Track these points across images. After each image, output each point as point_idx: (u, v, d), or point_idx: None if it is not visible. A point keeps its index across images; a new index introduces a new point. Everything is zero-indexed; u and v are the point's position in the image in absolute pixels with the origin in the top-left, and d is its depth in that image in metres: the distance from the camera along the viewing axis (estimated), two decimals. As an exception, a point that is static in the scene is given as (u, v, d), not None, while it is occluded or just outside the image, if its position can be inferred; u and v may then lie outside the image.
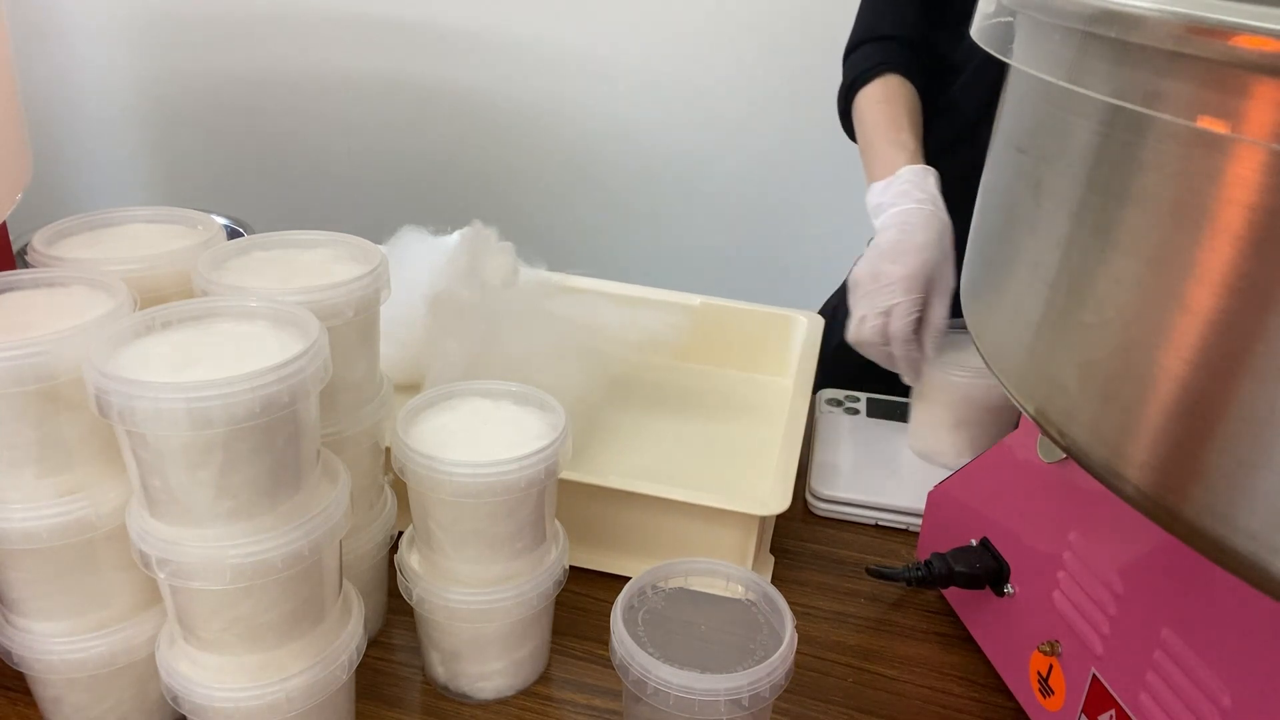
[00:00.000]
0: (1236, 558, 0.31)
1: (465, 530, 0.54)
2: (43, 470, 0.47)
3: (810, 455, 0.82)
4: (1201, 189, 0.30)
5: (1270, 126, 0.27)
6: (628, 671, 0.49)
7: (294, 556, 0.46)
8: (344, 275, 0.53)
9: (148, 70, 1.84)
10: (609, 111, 1.68)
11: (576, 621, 0.65)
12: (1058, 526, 0.55)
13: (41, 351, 0.44)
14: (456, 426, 0.57)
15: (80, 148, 1.93)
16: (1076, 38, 0.33)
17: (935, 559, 0.63)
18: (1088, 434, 0.36)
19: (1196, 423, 0.31)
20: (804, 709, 0.60)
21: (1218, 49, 0.27)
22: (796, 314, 0.91)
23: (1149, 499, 0.34)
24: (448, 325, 0.75)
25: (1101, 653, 0.51)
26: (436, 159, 1.79)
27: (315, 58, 1.75)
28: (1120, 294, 0.34)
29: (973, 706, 0.61)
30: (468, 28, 1.68)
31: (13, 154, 0.59)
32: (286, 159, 1.86)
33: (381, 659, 0.62)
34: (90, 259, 0.55)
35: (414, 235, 0.86)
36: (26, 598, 0.50)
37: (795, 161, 1.64)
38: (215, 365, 0.44)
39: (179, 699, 0.48)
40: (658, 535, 0.67)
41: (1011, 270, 0.42)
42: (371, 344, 0.58)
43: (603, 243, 1.79)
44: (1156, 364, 0.32)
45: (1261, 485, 0.30)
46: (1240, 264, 0.29)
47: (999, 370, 0.42)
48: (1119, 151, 0.33)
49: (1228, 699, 0.43)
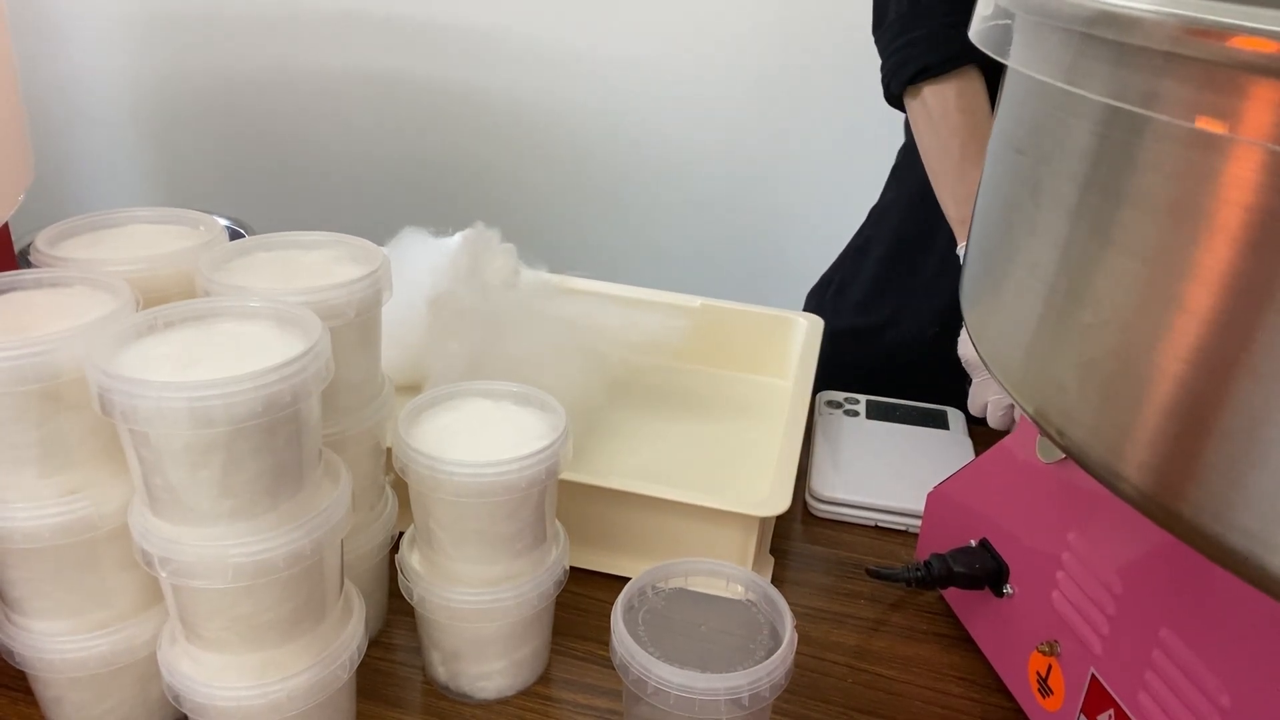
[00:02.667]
0: (1235, 557, 0.31)
1: (466, 530, 0.54)
2: (44, 470, 0.47)
3: (810, 456, 0.82)
4: (1199, 189, 0.30)
5: (1268, 127, 0.27)
6: (628, 671, 0.49)
7: (295, 556, 0.46)
8: (346, 276, 0.53)
9: (150, 71, 1.84)
10: (611, 113, 1.68)
11: (576, 621, 0.65)
12: (1057, 527, 0.55)
13: (44, 351, 0.44)
14: (458, 427, 0.57)
15: (82, 148, 1.93)
16: (1074, 39, 0.34)
17: (935, 560, 0.63)
18: (1087, 434, 0.36)
19: (1195, 422, 0.31)
20: (804, 709, 0.60)
21: (1215, 50, 0.27)
22: (796, 316, 0.91)
23: (1148, 499, 0.34)
24: (449, 326, 0.75)
25: (1100, 653, 0.51)
26: (438, 160, 1.80)
27: (317, 58, 1.76)
28: (1119, 294, 0.34)
29: (972, 707, 0.61)
30: (469, 28, 1.68)
31: (15, 154, 0.59)
32: (288, 160, 1.86)
33: (382, 659, 0.62)
34: (92, 259, 0.55)
35: (415, 236, 0.86)
36: (28, 597, 0.50)
37: (797, 163, 1.64)
38: (217, 365, 0.44)
39: (180, 698, 0.48)
40: (658, 536, 0.67)
41: (1010, 271, 0.42)
42: (373, 344, 0.58)
43: (604, 244, 1.79)
44: (1155, 364, 0.32)
45: (1259, 484, 0.30)
46: (1238, 264, 0.29)
47: (998, 371, 0.43)
48: (1117, 152, 0.33)
49: (1227, 699, 0.43)
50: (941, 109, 0.82)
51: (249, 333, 0.48)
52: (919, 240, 0.99)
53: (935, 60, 0.81)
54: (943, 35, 0.81)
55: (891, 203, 1.05)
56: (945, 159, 0.83)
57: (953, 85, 0.81)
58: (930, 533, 0.69)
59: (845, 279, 1.07)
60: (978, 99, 0.81)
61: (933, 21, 0.82)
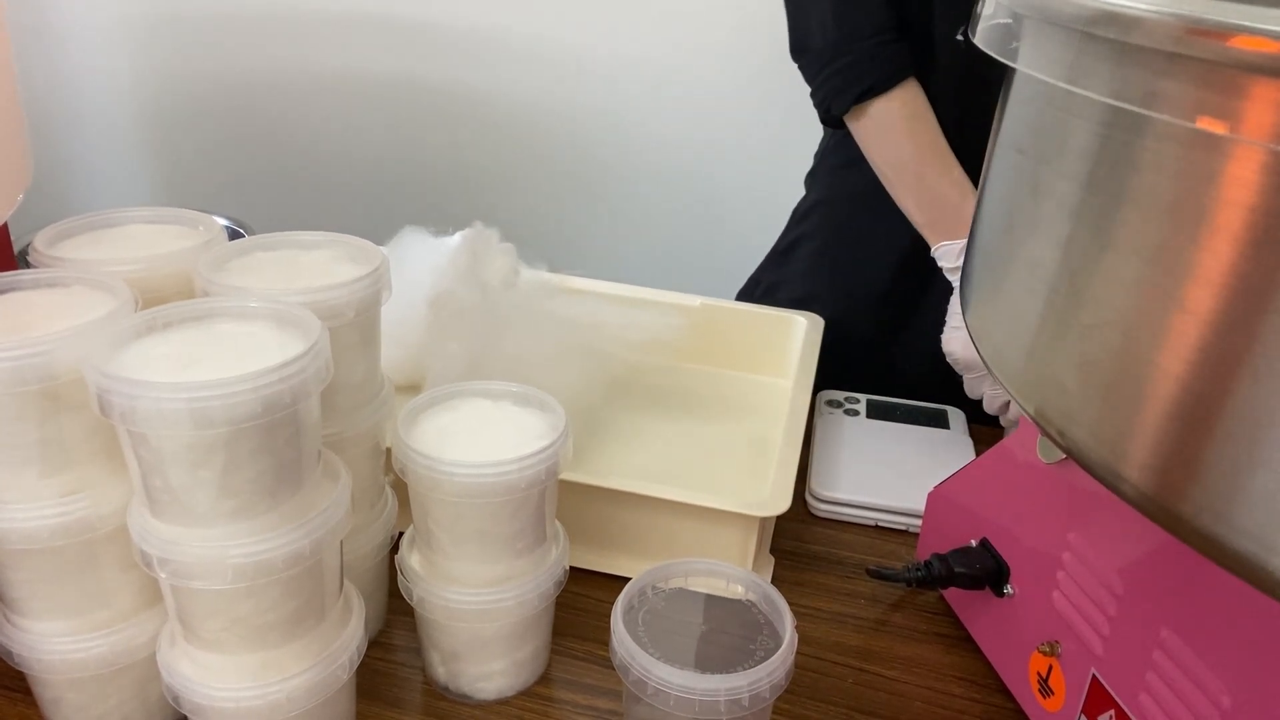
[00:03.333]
0: (1235, 557, 0.31)
1: (466, 530, 0.54)
2: (44, 470, 0.47)
3: (810, 456, 0.82)
4: (1200, 190, 0.30)
5: (1269, 127, 0.27)
6: (628, 672, 0.49)
7: (295, 556, 0.46)
8: (345, 276, 0.53)
9: (148, 71, 1.84)
10: (611, 112, 1.68)
11: (576, 622, 0.65)
12: (1058, 527, 0.55)
13: (43, 351, 0.44)
14: (457, 427, 0.57)
15: (81, 149, 1.93)
16: (1075, 39, 0.34)
17: (935, 560, 0.63)
18: (1088, 434, 0.36)
19: (1195, 423, 0.31)
20: (804, 709, 0.60)
21: (1216, 50, 0.27)
22: (796, 315, 0.91)
23: (1149, 499, 0.34)
24: (448, 326, 0.75)
25: (1101, 653, 0.51)
26: (438, 160, 1.79)
27: (315, 58, 1.76)
28: (1120, 295, 0.34)
29: (973, 707, 0.61)
30: (469, 28, 1.68)
31: (13, 155, 0.59)
32: (287, 160, 1.86)
33: (382, 659, 0.62)
34: (91, 259, 0.55)
35: (415, 236, 0.86)
36: (27, 598, 0.50)
37: (798, 162, 1.64)
38: (216, 365, 0.44)
39: (180, 699, 0.48)
40: (658, 536, 0.67)
41: (1011, 271, 0.42)
42: (372, 345, 0.58)
43: (603, 244, 1.79)
44: (1156, 364, 0.32)
45: (1260, 485, 0.30)
46: (1239, 265, 0.29)
47: (999, 371, 0.43)
48: (1118, 152, 0.33)
49: (1227, 699, 0.43)
50: (889, 121, 0.86)
51: (248, 333, 0.48)
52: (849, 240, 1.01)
53: (878, 79, 0.85)
54: (879, 54, 0.85)
55: (815, 204, 1.06)
56: (900, 168, 0.86)
57: (896, 97, 0.85)
58: (931, 532, 0.69)
59: (775, 280, 1.08)
60: (919, 104, 0.86)
61: (862, 44, 0.86)
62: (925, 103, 0.86)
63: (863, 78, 0.85)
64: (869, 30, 0.86)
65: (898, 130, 0.86)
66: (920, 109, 0.86)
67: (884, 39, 0.86)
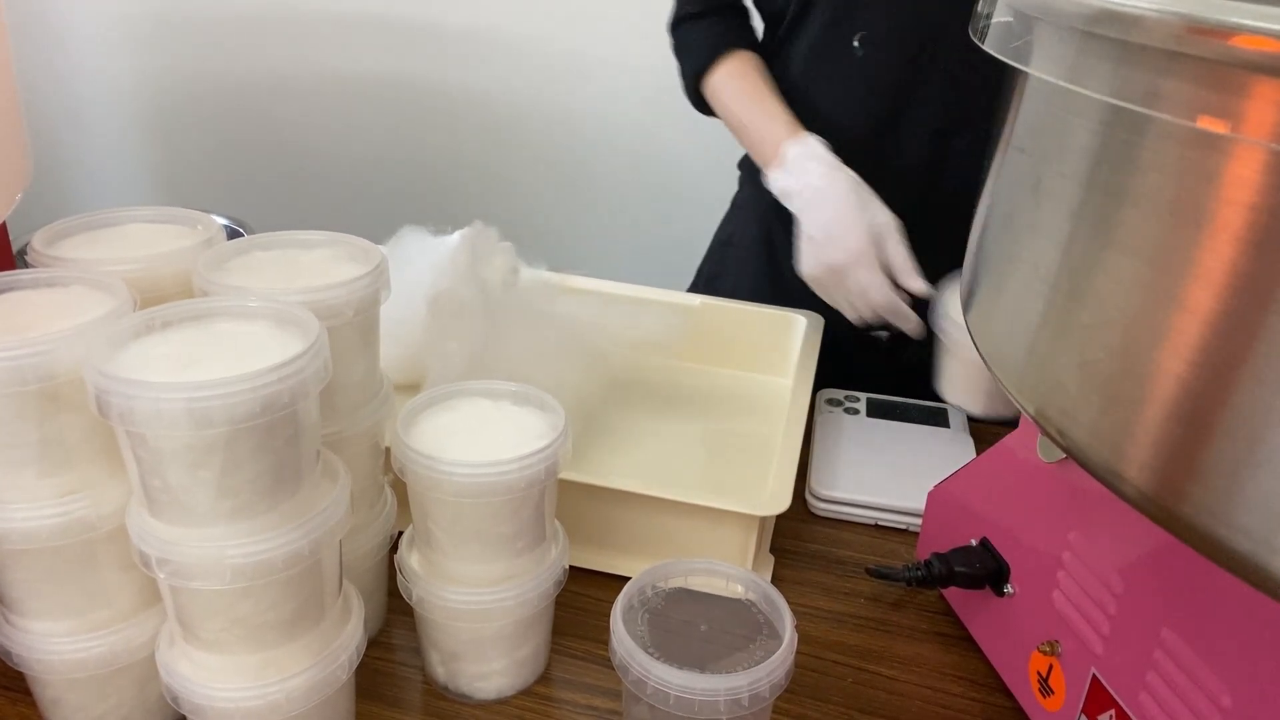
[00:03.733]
0: (1235, 557, 0.31)
1: (465, 530, 0.54)
2: (43, 470, 0.47)
3: (810, 455, 0.82)
4: (1201, 189, 0.30)
5: (1270, 126, 0.27)
6: (628, 671, 0.49)
7: (294, 556, 0.46)
8: (344, 275, 0.53)
9: (147, 71, 1.84)
10: (610, 112, 1.68)
11: (576, 621, 0.65)
12: (1058, 526, 0.55)
13: (42, 351, 0.44)
14: (456, 427, 0.57)
15: (80, 148, 1.93)
16: (1076, 38, 0.33)
17: (935, 559, 0.63)
18: (1088, 434, 0.36)
19: (1195, 422, 0.31)
20: (804, 709, 0.60)
21: (1217, 49, 0.27)
22: (796, 314, 0.91)
23: (1149, 499, 0.34)
24: (448, 325, 0.75)
25: (1101, 653, 0.51)
26: (437, 159, 1.79)
27: (315, 58, 1.76)
28: (1120, 294, 0.34)
29: (973, 706, 0.61)
30: (468, 28, 1.68)
31: (13, 154, 0.59)
32: (286, 159, 1.86)
33: (381, 659, 0.62)
34: (90, 259, 0.55)
35: (414, 235, 0.86)
36: (26, 597, 0.50)
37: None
38: (215, 365, 0.44)
39: (179, 699, 0.48)
40: (658, 535, 0.67)
41: (1011, 270, 0.42)
42: (372, 344, 0.58)
43: (603, 243, 1.79)
44: (1156, 364, 0.32)
45: (1260, 485, 0.30)
46: (1239, 264, 0.29)
47: (999, 370, 0.42)
48: (1119, 152, 0.33)
49: (1228, 699, 0.43)
50: (721, 83, 0.92)
51: (247, 333, 0.48)
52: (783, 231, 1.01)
53: (707, 58, 0.92)
54: (709, 28, 0.94)
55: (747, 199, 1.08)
56: (738, 130, 0.91)
57: (721, 68, 0.92)
58: (931, 532, 0.69)
59: (714, 271, 1.10)
60: (752, 59, 0.92)
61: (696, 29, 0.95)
62: (754, 61, 0.92)
63: (692, 58, 0.94)
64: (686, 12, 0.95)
65: (729, 91, 0.91)
66: (746, 66, 0.91)
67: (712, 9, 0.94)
